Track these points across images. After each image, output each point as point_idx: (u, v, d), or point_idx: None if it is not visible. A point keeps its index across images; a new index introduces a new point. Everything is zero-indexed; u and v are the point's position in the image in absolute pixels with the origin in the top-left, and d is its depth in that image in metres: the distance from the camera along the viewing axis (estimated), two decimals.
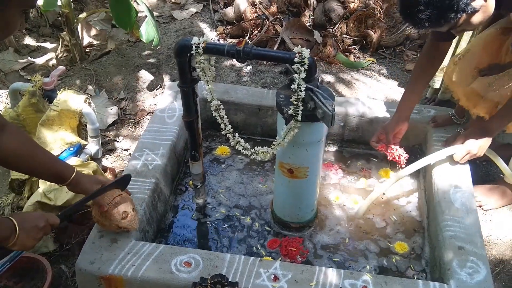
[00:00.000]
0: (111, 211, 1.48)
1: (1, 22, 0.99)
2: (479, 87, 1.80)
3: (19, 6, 1.01)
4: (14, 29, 1.04)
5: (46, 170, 1.42)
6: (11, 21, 1.01)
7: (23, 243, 1.24)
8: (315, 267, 1.48)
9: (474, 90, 1.81)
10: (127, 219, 1.50)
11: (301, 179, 1.66)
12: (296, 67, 1.41)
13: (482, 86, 1.79)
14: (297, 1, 3.08)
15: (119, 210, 1.48)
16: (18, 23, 1.03)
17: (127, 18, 2.53)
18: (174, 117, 2.07)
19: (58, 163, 1.45)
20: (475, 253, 1.52)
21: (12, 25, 1.03)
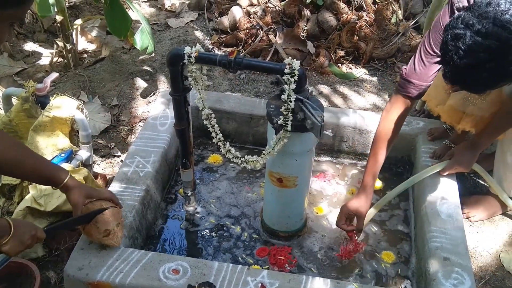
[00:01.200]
0: (91, 230, 1.48)
1: None
2: (456, 103, 1.83)
3: (7, 19, 1.03)
4: (2, 40, 1.06)
5: (38, 173, 1.42)
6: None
7: (13, 246, 1.25)
8: (302, 276, 1.49)
9: (452, 106, 1.85)
10: (109, 237, 1.50)
11: (290, 188, 1.67)
12: (286, 78, 1.43)
13: (459, 102, 1.82)
14: (291, 12, 3.11)
15: (100, 229, 1.48)
16: (5, 35, 1.05)
17: (122, 26, 2.55)
18: (166, 125, 2.08)
19: (49, 166, 1.45)
20: (460, 264, 1.54)
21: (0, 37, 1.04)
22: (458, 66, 1.28)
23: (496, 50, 1.22)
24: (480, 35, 1.23)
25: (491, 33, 1.22)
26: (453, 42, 1.27)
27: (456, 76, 1.34)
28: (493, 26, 1.22)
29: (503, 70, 1.26)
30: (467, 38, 1.24)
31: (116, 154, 2.33)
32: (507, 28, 1.21)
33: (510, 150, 1.84)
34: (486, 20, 1.23)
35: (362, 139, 2.16)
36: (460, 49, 1.25)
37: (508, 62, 1.24)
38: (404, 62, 2.99)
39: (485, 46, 1.22)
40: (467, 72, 1.28)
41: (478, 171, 1.91)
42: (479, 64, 1.24)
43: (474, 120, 1.82)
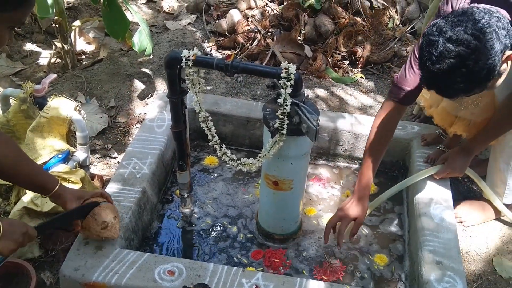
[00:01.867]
0: (89, 223, 1.50)
1: None
2: (448, 106, 1.86)
3: (7, 23, 1.04)
4: (2, 43, 1.07)
5: (30, 181, 1.46)
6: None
7: (5, 245, 1.26)
8: (296, 279, 1.51)
9: (445, 109, 1.88)
10: (107, 229, 1.52)
11: (286, 191, 1.69)
12: (282, 82, 1.45)
13: (452, 105, 1.85)
14: (289, 16, 3.14)
15: (98, 221, 1.50)
16: (6, 39, 1.06)
17: (120, 28, 2.57)
18: (163, 127, 2.10)
19: (42, 174, 1.49)
20: (453, 268, 1.56)
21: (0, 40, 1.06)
22: (431, 71, 1.32)
23: (466, 57, 1.26)
24: (451, 42, 1.27)
25: (461, 40, 1.26)
26: (427, 48, 1.31)
27: (430, 80, 1.38)
28: (464, 33, 1.26)
29: (473, 77, 1.30)
30: (439, 45, 1.28)
31: (113, 156, 2.34)
32: (477, 37, 1.25)
33: (502, 156, 1.86)
34: (458, 27, 1.27)
35: (358, 143, 2.18)
36: (433, 55, 1.30)
37: (478, 70, 1.28)
38: (400, 66, 3.01)
39: (455, 53, 1.26)
40: (439, 77, 1.32)
41: (471, 176, 1.94)
42: (450, 70, 1.28)
43: (466, 124, 1.85)
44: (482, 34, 1.25)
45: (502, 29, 1.29)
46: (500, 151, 1.85)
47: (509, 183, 1.89)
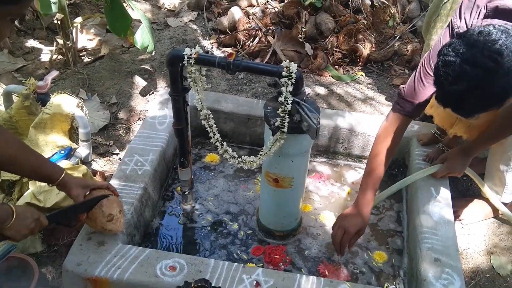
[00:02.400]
0: (96, 214, 1.52)
1: None
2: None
3: (7, 15, 1.05)
4: (3, 36, 1.08)
5: (35, 171, 1.47)
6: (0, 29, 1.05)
7: (17, 230, 1.30)
8: (296, 275, 1.53)
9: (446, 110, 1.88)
10: (112, 222, 1.54)
11: (286, 189, 1.71)
12: (283, 81, 1.46)
13: None
14: (290, 14, 3.15)
15: (105, 212, 1.52)
16: (6, 31, 1.07)
17: (122, 25, 2.58)
18: (165, 124, 2.11)
19: (47, 164, 1.51)
20: (451, 265, 1.58)
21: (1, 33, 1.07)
22: (447, 92, 1.34)
23: (482, 79, 1.26)
24: (469, 63, 1.27)
25: (479, 62, 1.26)
26: (444, 68, 1.32)
27: (446, 100, 1.39)
28: (481, 55, 1.26)
29: (489, 97, 1.30)
30: (456, 66, 1.29)
31: (115, 152, 2.36)
32: (494, 59, 1.25)
33: (503, 158, 1.87)
34: (475, 49, 1.27)
35: (357, 141, 2.19)
36: (450, 76, 1.30)
37: (494, 91, 1.28)
38: (400, 65, 3.03)
39: (473, 75, 1.27)
40: (455, 97, 1.33)
41: (470, 175, 1.95)
42: (466, 90, 1.29)
43: (466, 126, 1.86)
44: (500, 55, 1.25)
45: None
46: (501, 152, 1.86)
47: (508, 183, 1.91)
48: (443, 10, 2.20)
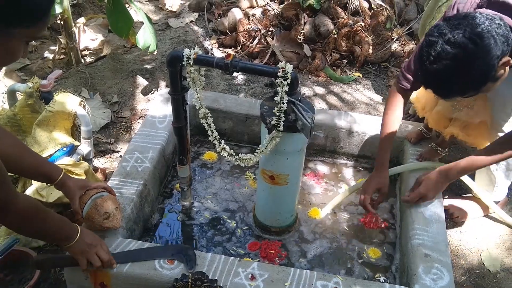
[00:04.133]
0: (92, 214, 1.57)
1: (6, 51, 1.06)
2: (443, 110, 1.92)
3: (23, 37, 1.09)
4: (17, 57, 1.11)
5: (34, 170, 1.54)
6: (14, 51, 1.08)
7: (76, 251, 1.46)
8: (290, 269, 1.58)
9: (439, 112, 1.94)
10: (109, 219, 1.59)
11: (282, 186, 1.76)
12: (279, 81, 1.52)
13: (447, 108, 1.91)
14: (289, 15, 3.20)
15: (100, 212, 1.57)
16: (20, 52, 1.11)
17: (124, 25, 2.63)
18: (165, 122, 2.16)
19: (46, 164, 1.57)
20: (440, 261, 1.62)
21: (15, 54, 1.10)
22: (428, 71, 1.39)
23: (462, 59, 1.32)
24: (450, 44, 1.33)
25: (459, 43, 1.32)
26: (427, 48, 1.38)
27: (427, 79, 1.46)
28: (462, 37, 1.32)
29: (468, 79, 1.36)
30: (438, 46, 1.35)
31: (116, 150, 2.41)
32: (474, 41, 1.31)
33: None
34: (457, 30, 1.33)
35: (353, 140, 2.24)
36: (431, 55, 1.36)
37: (472, 72, 1.34)
38: (397, 66, 3.08)
39: (452, 55, 1.33)
40: (436, 77, 1.39)
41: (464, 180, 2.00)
42: (446, 70, 1.35)
43: (461, 125, 1.90)
44: (480, 38, 1.31)
45: (501, 35, 1.35)
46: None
47: (498, 181, 1.96)
48: (437, 14, 2.25)
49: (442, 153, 2.04)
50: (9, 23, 1.02)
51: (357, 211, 2.04)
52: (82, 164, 1.96)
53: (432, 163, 2.01)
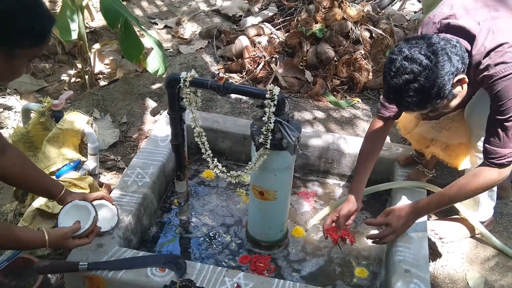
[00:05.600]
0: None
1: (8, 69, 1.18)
2: (423, 131, 2.02)
3: (26, 56, 1.22)
4: (19, 74, 1.23)
5: (38, 187, 1.68)
6: (17, 68, 1.21)
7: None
8: (274, 280, 1.66)
9: (420, 133, 2.04)
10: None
11: (271, 201, 1.86)
12: (267, 102, 1.64)
13: (426, 130, 2.01)
14: (293, 43, 3.34)
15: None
16: (23, 70, 1.23)
17: (134, 51, 2.81)
18: (166, 141, 2.30)
19: (49, 181, 1.70)
20: (419, 276, 1.69)
21: (18, 72, 1.22)
22: (389, 85, 1.52)
23: (418, 73, 1.45)
24: (407, 60, 1.47)
25: (415, 59, 1.45)
26: (388, 64, 1.52)
27: (388, 93, 1.57)
28: (418, 53, 1.46)
29: (424, 92, 1.48)
30: (397, 62, 1.48)
31: (121, 167, 2.55)
32: (428, 57, 1.45)
33: None
34: (414, 48, 1.47)
35: (345, 161, 2.34)
36: (392, 71, 1.50)
37: (428, 86, 1.46)
38: None
39: (409, 69, 1.46)
40: (395, 90, 1.52)
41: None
42: (404, 84, 1.48)
43: (442, 146, 2.00)
44: (434, 55, 1.45)
45: (455, 54, 1.48)
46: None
47: (482, 202, 2.02)
48: None
49: (429, 174, 2.12)
50: (14, 45, 1.16)
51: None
52: (87, 178, 2.09)
53: (418, 182, 2.09)
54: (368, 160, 1.96)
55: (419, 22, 3.57)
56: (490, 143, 1.62)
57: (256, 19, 3.79)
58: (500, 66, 1.51)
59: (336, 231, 1.89)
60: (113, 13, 2.69)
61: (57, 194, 1.68)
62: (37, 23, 1.21)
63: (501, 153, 1.61)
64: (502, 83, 1.52)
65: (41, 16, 1.23)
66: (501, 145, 1.60)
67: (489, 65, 1.53)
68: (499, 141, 1.59)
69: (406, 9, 4.39)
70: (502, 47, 1.51)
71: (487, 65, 1.54)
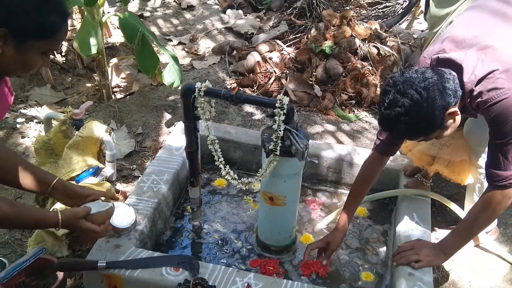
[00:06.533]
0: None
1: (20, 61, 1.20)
2: (424, 148, 2.10)
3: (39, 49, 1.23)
4: (32, 68, 1.25)
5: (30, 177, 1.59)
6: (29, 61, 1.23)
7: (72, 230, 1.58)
8: (283, 280, 1.74)
9: (421, 151, 2.12)
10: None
11: (280, 207, 1.94)
12: (277, 111, 1.74)
13: (427, 147, 2.09)
14: (303, 59, 3.46)
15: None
16: (37, 63, 1.24)
17: (150, 65, 2.94)
18: (181, 150, 2.40)
19: (41, 171, 1.65)
20: (422, 279, 1.76)
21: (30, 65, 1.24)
22: (383, 115, 1.60)
23: (409, 108, 1.52)
24: (400, 93, 1.54)
25: (407, 93, 1.53)
26: (383, 96, 1.60)
27: (382, 122, 1.65)
28: (410, 88, 1.53)
29: (415, 125, 1.55)
30: (390, 94, 1.56)
31: (136, 175, 2.65)
32: (419, 92, 1.52)
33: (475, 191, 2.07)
34: (407, 82, 1.55)
35: (353, 171, 2.42)
36: (385, 102, 1.57)
37: (418, 120, 1.54)
38: None
39: (401, 103, 1.53)
40: (388, 120, 1.59)
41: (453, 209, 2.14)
42: (396, 116, 1.55)
43: (445, 163, 2.08)
44: (425, 90, 1.52)
45: (448, 89, 1.55)
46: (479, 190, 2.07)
47: None
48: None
49: (426, 183, 2.20)
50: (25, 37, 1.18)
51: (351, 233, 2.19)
52: (105, 184, 2.19)
53: (419, 190, 2.15)
54: (359, 198, 2.03)
55: (425, 40, 3.67)
56: (492, 166, 1.68)
57: (268, 36, 3.92)
58: (492, 92, 1.56)
59: (309, 267, 1.98)
60: (131, 28, 2.84)
61: (51, 182, 1.61)
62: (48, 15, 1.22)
63: (502, 176, 1.65)
64: (496, 109, 1.57)
65: (52, 8, 1.24)
66: (502, 168, 1.65)
67: (481, 91, 1.58)
68: (500, 164, 1.65)
69: (413, 28, 4.51)
70: (493, 74, 1.57)
71: (479, 92, 1.59)
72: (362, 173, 2.02)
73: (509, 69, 1.55)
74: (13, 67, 1.26)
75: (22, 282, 1.96)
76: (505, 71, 1.54)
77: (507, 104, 1.53)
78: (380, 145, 1.94)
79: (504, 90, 1.53)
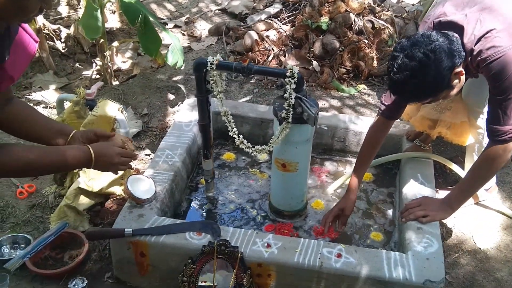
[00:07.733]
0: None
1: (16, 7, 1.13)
2: (425, 113, 2.21)
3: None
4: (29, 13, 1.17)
5: (48, 128, 1.62)
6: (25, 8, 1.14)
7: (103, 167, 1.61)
8: (300, 239, 1.85)
9: (423, 116, 2.22)
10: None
11: (292, 172, 2.04)
12: (287, 80, 1.82)
13: (429, 112, 2.20)
14: (299, 36, 3.54)
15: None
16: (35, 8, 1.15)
17: (153, 46, 3.00)
18: (190, 126, 2.48)
19: (58, 124, 1.70)
20: (431, 232, 1.88)
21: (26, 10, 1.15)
22: (392, 80, 1.69)
23: (417, 70, 1.61)
24: (408, 57, 1.63)
25: (415, 57, 1.61)
26: (391, 61, 1.68)
27: (391, 87, 1.75)
28: (418, 52, 1.61)
29: (423, 86, 1.65)
30: (399, 59, 1.65)
31: (147, 153, 2.73)
32: (427, 55, 1.61)
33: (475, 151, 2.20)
34: (415, 46, 1.63)
35: (357, 139, 2.52)
36: (394, 67, 1.66)
37: (426, 81, 1.63)
38: None
39: (410, 67, 1.62)
40: (398, 85, 1.68)
41: (454, 169, 2.26)
42: (405, 79, 1.64)
43: (446, 125, 2.19)
44: (432, 53, 1.61)
45: (453, 50, 1.65)
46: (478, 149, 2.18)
47: None
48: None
49: (425, 148, 2.31)
50: None
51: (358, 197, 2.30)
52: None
53: (422, 153, 2.27)
54: (366, 162, 2.12)
55: (417, 12, 3.77)
56: (492, 122, 1.78)
57: (262, 16, 3.98)
58: (490, 50, 1.65)
59: (322, 232, 2.08)
60: (133, 10, 2.89)
61: (69, 132, 1.63)
62: None
63: (502, 130, 1.75)
64: (495, 66, 1.66)
65: None
66: (502, 123, 1.75)
67: (481, 50, 1.67)
68: (500, 119, 1.74)
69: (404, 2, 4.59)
70: (490, 33, 1.66)
71: (479, 51, 1.68)
72: (369, 138, 2.11)
73: (506, 28, 1.65)
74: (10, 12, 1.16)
75: (47, 256, 2.05)
76: (502, 30, 1.65)
77: (505, 61, 1.64)
78: (385, 110, 2.03)
79: (502, 48, 1.64)
